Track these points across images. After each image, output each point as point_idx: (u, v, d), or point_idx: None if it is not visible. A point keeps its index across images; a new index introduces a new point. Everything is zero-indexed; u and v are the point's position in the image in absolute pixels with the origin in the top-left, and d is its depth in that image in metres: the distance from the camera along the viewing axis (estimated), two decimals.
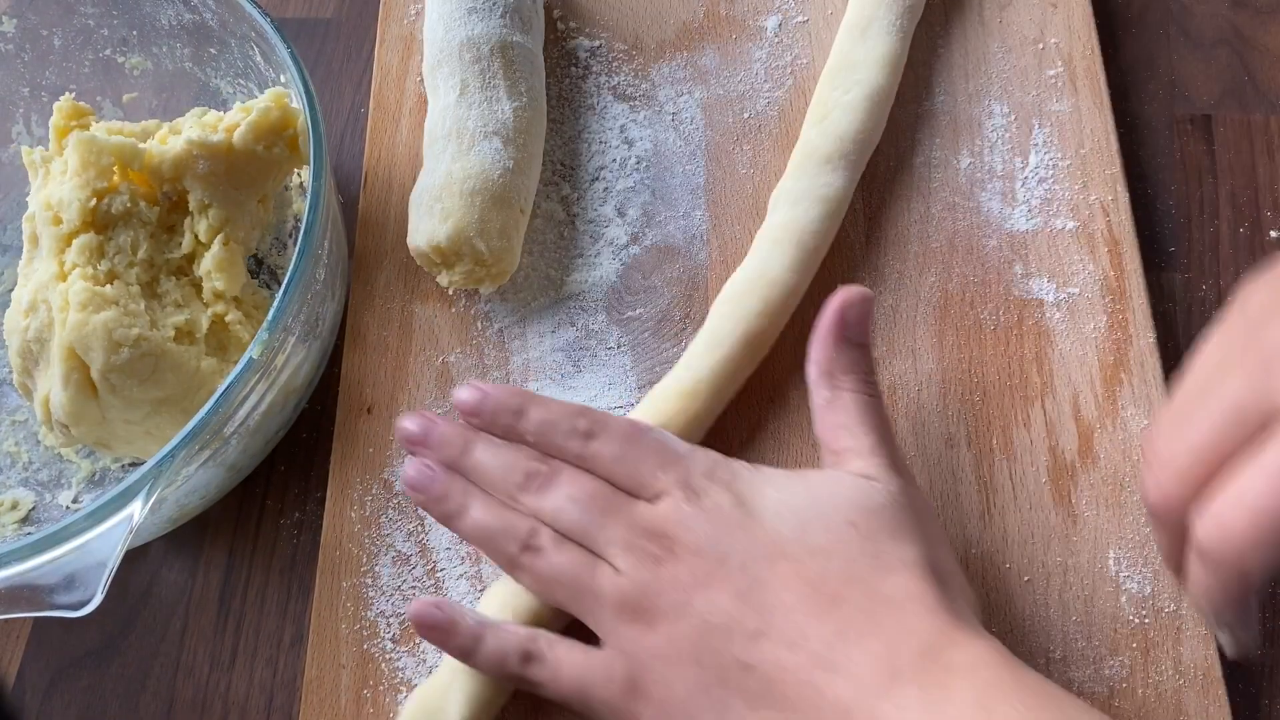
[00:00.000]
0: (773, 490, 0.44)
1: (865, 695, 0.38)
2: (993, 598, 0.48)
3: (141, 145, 0.52)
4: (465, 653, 0.45)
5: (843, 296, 0.46)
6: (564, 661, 0.44)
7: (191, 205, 0.52)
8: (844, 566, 0.41)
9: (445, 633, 0.45)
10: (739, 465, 0.45)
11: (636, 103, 0.61)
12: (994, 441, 0.51)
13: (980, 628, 0.41)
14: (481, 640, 0.44)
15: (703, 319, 0.54)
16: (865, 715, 0.38)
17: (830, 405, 0.46)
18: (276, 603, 0.53)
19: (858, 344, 0.46)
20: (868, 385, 0.46)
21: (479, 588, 0.50)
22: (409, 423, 0.48)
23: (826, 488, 0.44)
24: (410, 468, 0.47)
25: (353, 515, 0.52)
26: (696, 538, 0.43)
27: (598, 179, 0.59)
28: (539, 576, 0.45)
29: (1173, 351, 0.54)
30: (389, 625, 0.50)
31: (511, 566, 0.46)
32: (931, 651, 0.39)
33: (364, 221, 0.59)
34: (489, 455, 0.47)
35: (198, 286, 0.53)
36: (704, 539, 0.43)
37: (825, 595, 0.41)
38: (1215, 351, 0.37)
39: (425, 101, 0.61)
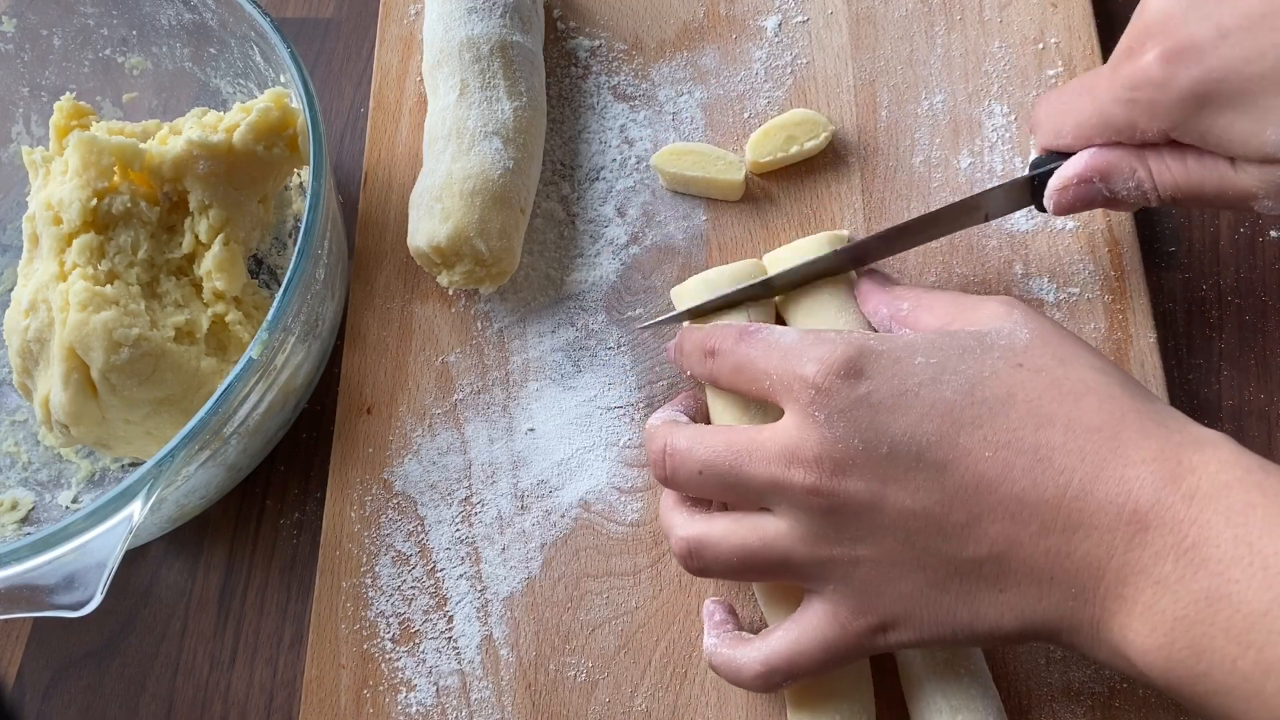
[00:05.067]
0: (919, 358, 0.41)
1: (1115, 547, 0.37)
2: None
3: (142, 145, 0.52)
4: (710, 664, 0.45)
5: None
6: (796, 651, 0.42)
7: (192, 205, 0.52)
8: (1030, 412, 0.39)
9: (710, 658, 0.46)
10: (868, 341, 0.42)
11: (636, 103, 0.61)
12: None
13: (1192, 422, 0.39)
14: (714, 664, 0.45)
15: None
16: (1121, 568, 0.37)
17: (918, 304, 0.46)
18: (276, 603, 0.53)
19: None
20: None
21: (479, 588, 0.50)
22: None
23: (973, 338, 0.42)
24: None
25: (352, 515, 0.52)
26: (847, 445, 0.40)
27: (598, 179, 0.59)
28: (720, 572, 0.44)
29: (1173, 351, 0.54)
30: (389, 625, 0.50)
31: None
32: (1168, 480, 0.37)
33: (364, 221, 0.59)
34: (645, 444, 0.49)
35: (198, 286, 0.53)
36: (857, 443, 0.40)
37: (1026, 452, 0.38)
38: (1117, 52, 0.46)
39: (425, 101, 0.61)
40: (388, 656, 0.49)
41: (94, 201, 0.50)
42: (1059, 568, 0.38)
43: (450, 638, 0.49)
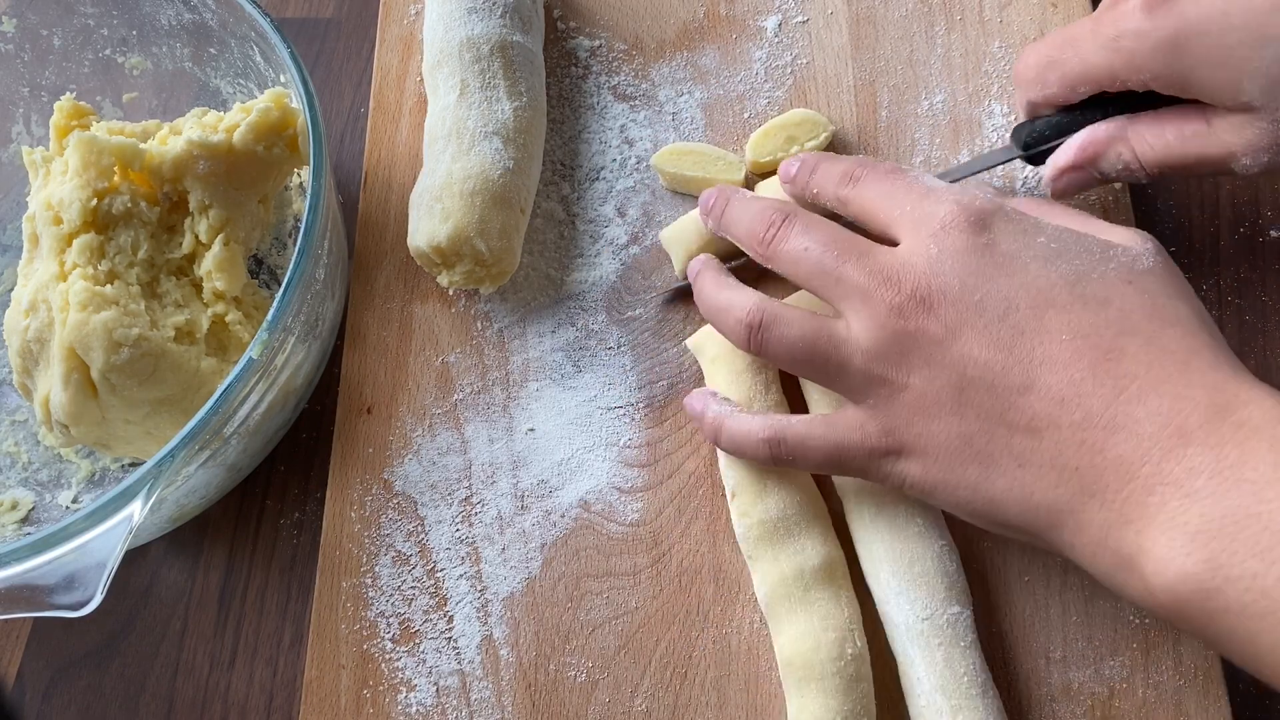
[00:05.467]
0: (1043, 237, 0.43)
1: (1151, 455, 0.37)
2: (993, 598, 0.48)
3: (142, 145, 0.52)
4: (712, 437, 0.48)
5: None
6: (808, 434, 0.44)
7: (192, 205, 0.52)
8: (1120, 318, 0.40)
9: (697, 420, 0.49)
10: (1009, 205, 0.44)
11: (636, 103, 0.61)
12: None
13: (1261, 383, 0.39)
14: (721, 429, 0.47)
15: (703, 319, 0.54)
16: (1151, 476, 0.37)
17: (1041, 208, 0.46)
18: (276, 603, 0.53)
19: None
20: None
21: (479, 588, 0.50)
22: (706, 193, 0.51)
23: (1099, 245, 0.43)
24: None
25: (352, 515, 0.52)
26: (946, 282, 0.42)
27: (598, 179, 0.59)
28: (775, 353, 0.45)
29: None
30: (389, 625, 0.50)
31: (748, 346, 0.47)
32: (1221, 409, 0.37)
33: (364, 221, 0.59)
34: (739, 209, 0.49)
35: (198, 286, 0.53)
36: (954, 283, 0.41)
37: (1100, 348, 0.39)
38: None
39: (425, 101, 0.61)
40: (388, 656, 0.49)
41: (94, 201, 0.50)
42: (1087, 461, 0.38)
43: (450, 638, 0.49)
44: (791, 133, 0.57)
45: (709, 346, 0.51)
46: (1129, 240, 0.43)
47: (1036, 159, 0.51)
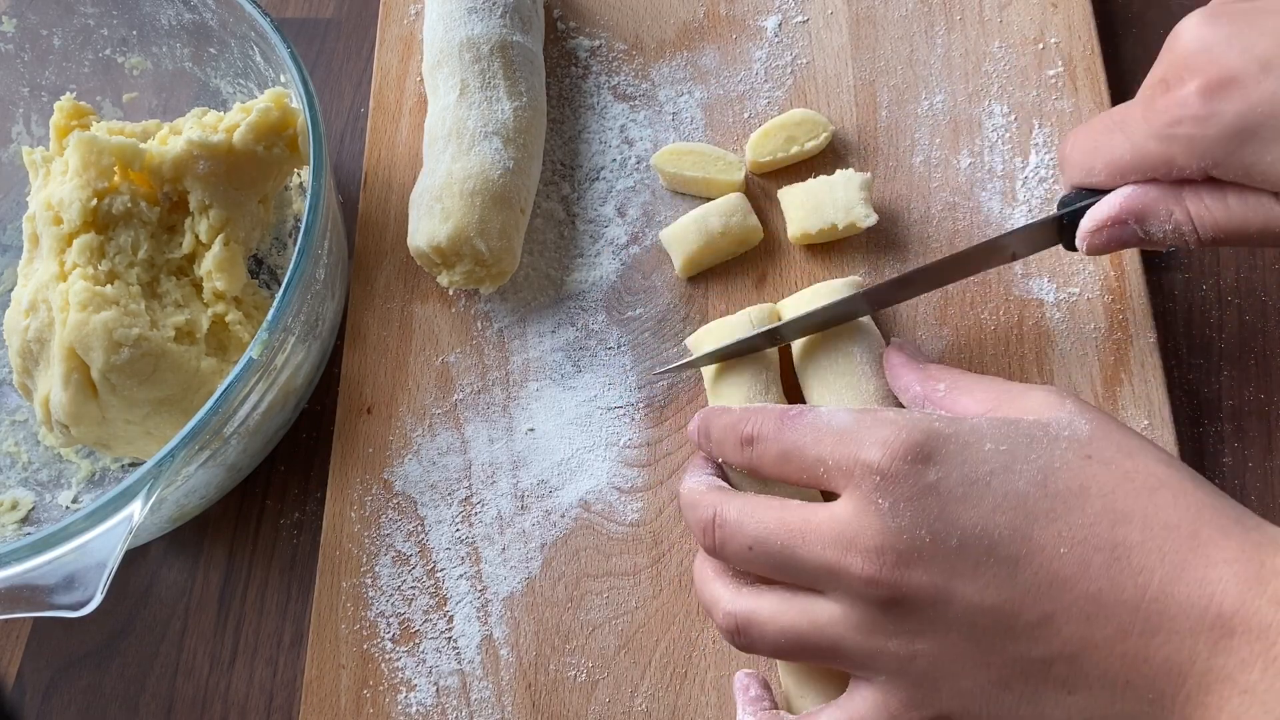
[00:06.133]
0: (988, 444, 0.39)
1: (1198, 652, 0.35)
2: None
3: (142, 145, 0.52)
4: None
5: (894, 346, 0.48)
6: None
7: (192, 205, 0.52)
8: (1105, 506, 0.37)
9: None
10: (933, 423, 0.40)
11: (636, 103, 0.61)
12: None
13: (1267, 522, 0.37)
14: None
15: (702, 319, 0.54)
16: (1204, 674, 0.35)
17: (955, 386, 0.44)
18: (276, 603, 0.53)
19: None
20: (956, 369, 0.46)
21: (479, 588, 0.50)
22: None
23: (1037, 426, 0.39)
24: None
25: (353, 515, 0.52)
26: (913, 536, 0.37)
27: (598, 179, 0.59)
28: (767, 651, 0.42)
29: (1172, 351, 0.54)
30: (389, 625, 0.50)
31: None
32: (1251, 582, 0.35)
33: (364, 221, 0.59)
34: (683, 498, 0.45)
35: (198, 286, 0.53)
36: (923, 535, 0.37)
37: (1102, 548, 0.36)
38: (1144, 90, 0.45)
39: (425, 101, 0.61)
40: (388, 656, 0.49)
41: (94, 201, 0.50)
42: (1136, 672, 0.36)
43: (450, 638, 0.49)
44: (791, 133, 0.57)
45: (708, 345, 0.51)
46: (1049, 406, 0.40)
47: (1073, 230, 0.47)
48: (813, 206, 0.54)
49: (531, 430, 0.53)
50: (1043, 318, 0.53)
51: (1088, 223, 0.46)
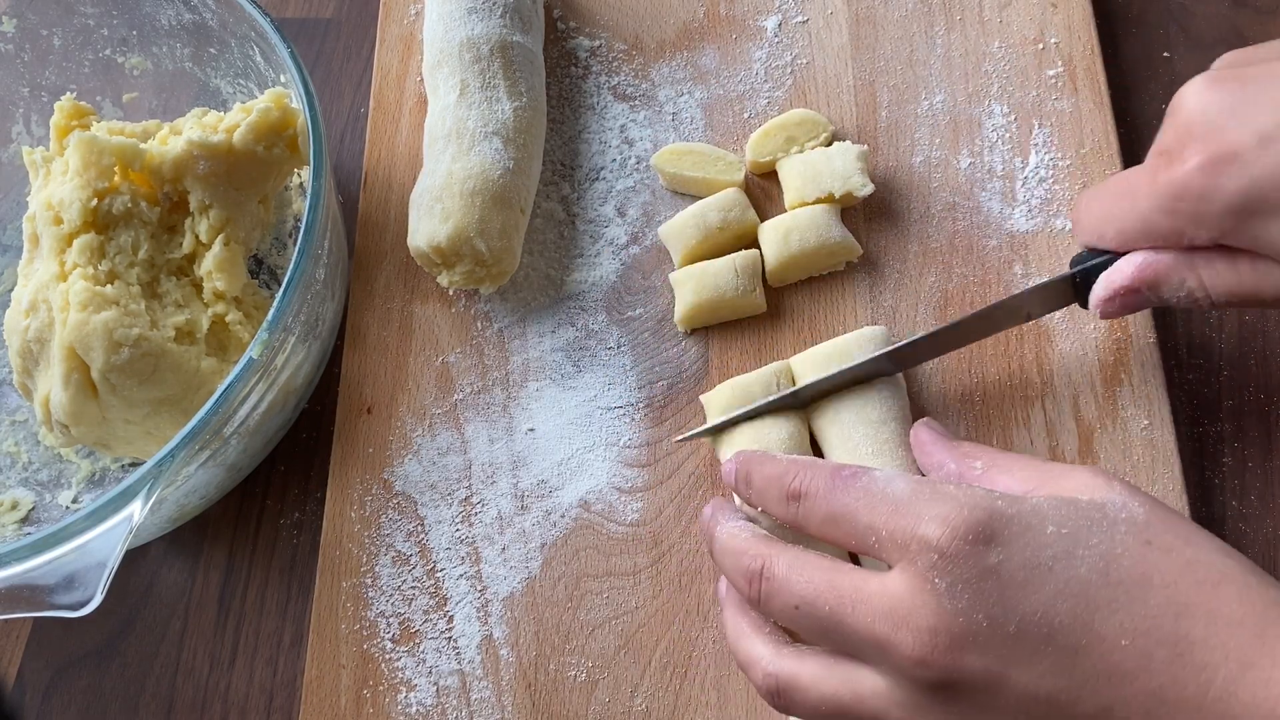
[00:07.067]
0: (1051, 527, 0.37)
1: None
2: None
3: (142, 145, 0.52)
4: None
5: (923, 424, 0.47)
6: None
7: (192, 205, 0.52)
8: (1167, 598, 0.36)
9: None
10: (995, 502, 0.38)
11: (636, 103, 0.61)
12: (994, 441, 0.51)
13: None
14: None
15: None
16: None
17: (993, 464, 0.42)
18: (276, 603, 0.53)
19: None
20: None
21: (479, 588, 0.50)
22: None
23: (1094, 509, 0.38)
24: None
25: (353, 515, 0.52)
26: (970, 620, 0.36)
27: (598, 179, 0.59)
28: (807, 716, 0.41)
29: (1172, 351, 0.54)
30: (389, 625, 0.50)
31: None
32: None
33: (364, 221, 0.59)
34: (720, 543, 0.43)
35: (198, 286, 0.53)
36: (980, 619, 0.36)
37: (1165, 642, 0.35)
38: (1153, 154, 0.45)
39: (425, 101, 0.61)
40: (388, 656, 0.49)
41: (94, 201, 0.50)
42: None
43: (450, 638, 0.49)
44: (791, 133, 0.57)
45: (721, 400, 0.50)
46: (1096, 487, 0.39)
47: (1088, 289, 0.48)
48: (810, 176, 0.55)
49: (531, 430, 0.53)
50: (1042, 318, 0.53)
51: (1101, 290, 0.46)
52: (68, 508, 0.54)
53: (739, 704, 0.47)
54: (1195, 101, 0.42)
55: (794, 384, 0.50)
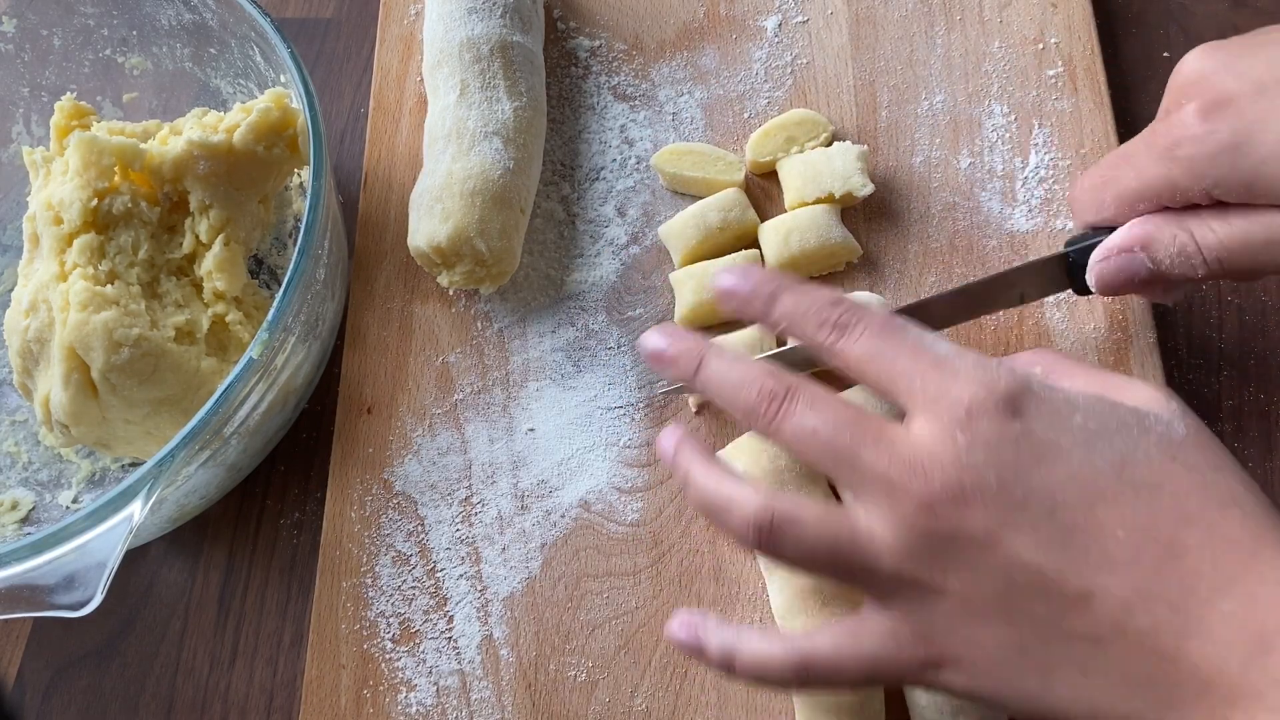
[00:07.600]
0: (1079, 416, 0.38)
1: (1229, 664, 0.34)
2: None
3: (142, 145, 0.52)
4: (723, 667, 0.41)
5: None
6: (837, 654, 0.39)
7: (192, 205, 0.52)
8: (1174, 505, 0.36)
9: (695, 651, 0.42)
10: (1031, 380, 0.39)
11: (636, 103, 0.61)
12: None
13: None
14: (735, 657, 0.40)
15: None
16: (1232, 688, 0.34)
17: (1055, 368, 0.42)
18: (276, 603, 0.53)
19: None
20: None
21: (479, 588, 0.50)
22: (653, 339, 0.44)
23: (1131, 414, 0.38)
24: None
25: (353, 515, 0.52)
26: (980, 477, 0.37)
27: (598, 179, 0.59)
28: (792, 556, 0.40)
29: (1172, 352, 0.54)
30: (389, 625, 0.50)
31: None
32: None
33: (364, 221, 0.59)
34: (724, 371, 0.42)
35: (198, 286, 0.53)
36: (991, 478, 0.37)
37: (1160, 543, 0.36)
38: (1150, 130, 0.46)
39: (425, 101, 0.61)
40: (388, 656, 0.49)
41: (94, 201, 0.50)
42: (1160, 671, 0.35)
43: (450, 638, 0.49)
44: (791, 133, 0.57)
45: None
46: (1155, 404, 0.39)
47: (1082, 271, 0.48)
48: (810, 176, 0.55)
49: (531, 430, 0.53)
50: (1043, 318, 0.53)
51: (1097, 253, 0.47)
52: (68, 508, 0.54)
53: (739, 704, 0.47)
54: (1192, 64, 0.44)
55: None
